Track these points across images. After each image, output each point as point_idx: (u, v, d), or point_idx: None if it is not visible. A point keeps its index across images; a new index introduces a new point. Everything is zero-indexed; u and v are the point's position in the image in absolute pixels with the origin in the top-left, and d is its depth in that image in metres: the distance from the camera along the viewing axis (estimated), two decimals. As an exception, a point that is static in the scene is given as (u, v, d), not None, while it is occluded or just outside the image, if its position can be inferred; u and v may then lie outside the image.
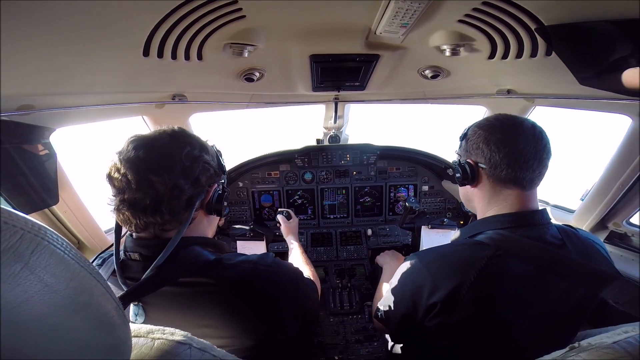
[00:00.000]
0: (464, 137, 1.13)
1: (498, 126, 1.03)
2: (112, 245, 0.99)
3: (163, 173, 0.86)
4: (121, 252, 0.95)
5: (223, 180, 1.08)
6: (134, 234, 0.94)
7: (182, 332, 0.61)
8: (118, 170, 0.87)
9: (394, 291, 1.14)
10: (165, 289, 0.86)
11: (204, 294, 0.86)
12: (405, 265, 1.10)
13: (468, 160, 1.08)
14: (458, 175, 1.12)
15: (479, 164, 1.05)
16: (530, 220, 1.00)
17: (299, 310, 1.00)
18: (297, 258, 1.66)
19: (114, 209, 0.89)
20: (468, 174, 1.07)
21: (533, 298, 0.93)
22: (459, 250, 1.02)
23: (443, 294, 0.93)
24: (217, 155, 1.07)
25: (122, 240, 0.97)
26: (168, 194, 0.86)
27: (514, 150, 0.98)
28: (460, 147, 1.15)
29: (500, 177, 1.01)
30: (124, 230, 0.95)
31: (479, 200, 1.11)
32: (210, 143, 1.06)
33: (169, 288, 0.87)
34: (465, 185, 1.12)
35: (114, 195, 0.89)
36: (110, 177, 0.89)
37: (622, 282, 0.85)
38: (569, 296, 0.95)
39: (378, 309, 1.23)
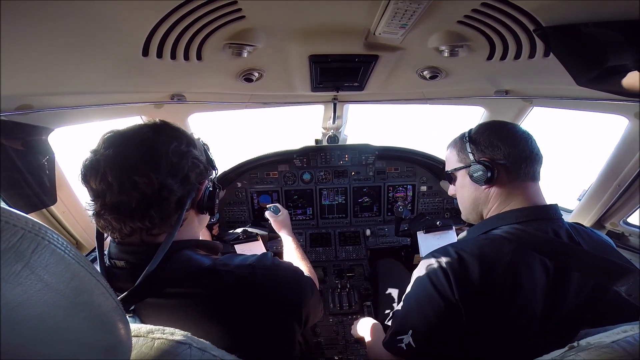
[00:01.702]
0: (469, 139, 1.11)
1: (500, 127, 1.08)
2: (95, 249, 0.92)
3: (149, 172, 0.77)
4: (105, 258, 0.87)
5: (213, 176, 1.01)
6: (117, 239, 0.85)
7: (182, 332, 0.61)
8: (95, 170, 0.77)
9: (417, 308, 1.01)
10: (160, 300, 0.80)
11: (200, 304, 0.81)
12: (425, 269, 1.01)
13: (483, 158, 1.06)
14: (479, 174, 1.05)
15: (497, 160, 1.04)
16: (545, 214, 1.01)
17: (301, 313, 0.95)
18: (292, 254, 1.57)
19: (94, 214, 0.80)
20: (491, 171, 1.03)
21: (548, 293, 0.93)
22: (483, 246, 0.97)
23: (472, 289, 0.91)
24: (205, 149, 0.99)
25: (106, 243, 0.90)
26: (156, 195, 0.78)
27: (524, 146, 1.03)
28: (467, 151, 1.11)
29: (520, 170, 1.03)
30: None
31: (495, 199, 1.07)
32: (195, 136, 0.98)
33: (164, 300, 0.81)
34: (489, 182, 1.05)
35: (92, 200, 0.80)
36: (86, 180, 0.79)
37: (638, 275, 0.86)
38: (580, 293, 0.95)
39: (400, 340, 1.00)
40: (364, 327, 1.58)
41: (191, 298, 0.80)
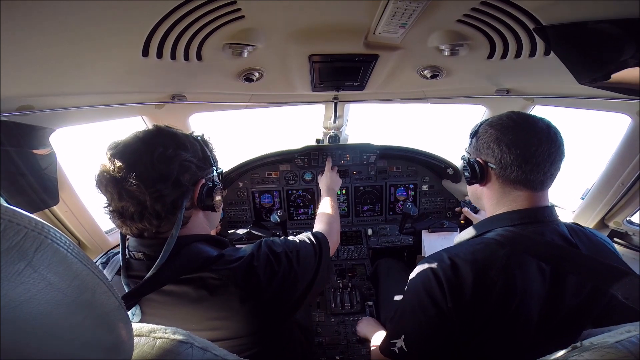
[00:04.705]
0: (474, 134, 1.10)
1: (511, 126, 0.99)
2: (105, 253, 1.02)
3: (137, 182, 0.85)
4: (127, 251, 0.97)
5: (212, 174, 1.04)
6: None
7: (184, 331, 0.61)
8: (99, 182, 0.89)
9: (410, 314, 1.00)
10: (168, 287, 0.87)
11: (208, 288, 0.87)
12: (419, 275, 1.01)
13: (477, 159, 1.06)
14: (467, 174, 1.09)
15: (489, 164, 1.03)
16: (540, 217, 0.99)
17: (301, 285, 1.02)
18: (323, 211, 1.68)
19: (109, 217, 0.93)
20: (477, 174, 1.05)
21: (545, 296, 0.92)
22: (476, 251, 0.96)
23: (465, 295, 0.90)
24: (203, 147, 1.03)
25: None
26: (149, 200, 0.86)
27: (526, 152, 0.95)
28: (470, 145, 1.12)
29: (510, 178, 0.99)
30: None
31: (488, 200, 1.09)
32: (195, 134, 1.04)
33: (172, 286, 0.88)
34: (473, 184, 1.10)
35: (105, 205, 0.92)
36: (98, 189, 0.92)
37: (634, 277, 0.84)
38: (578, 295, 0.94)
39: (393, 344, 1.01)
40: (368, 329, 1.58)
41: (202, 282, 0.88)
